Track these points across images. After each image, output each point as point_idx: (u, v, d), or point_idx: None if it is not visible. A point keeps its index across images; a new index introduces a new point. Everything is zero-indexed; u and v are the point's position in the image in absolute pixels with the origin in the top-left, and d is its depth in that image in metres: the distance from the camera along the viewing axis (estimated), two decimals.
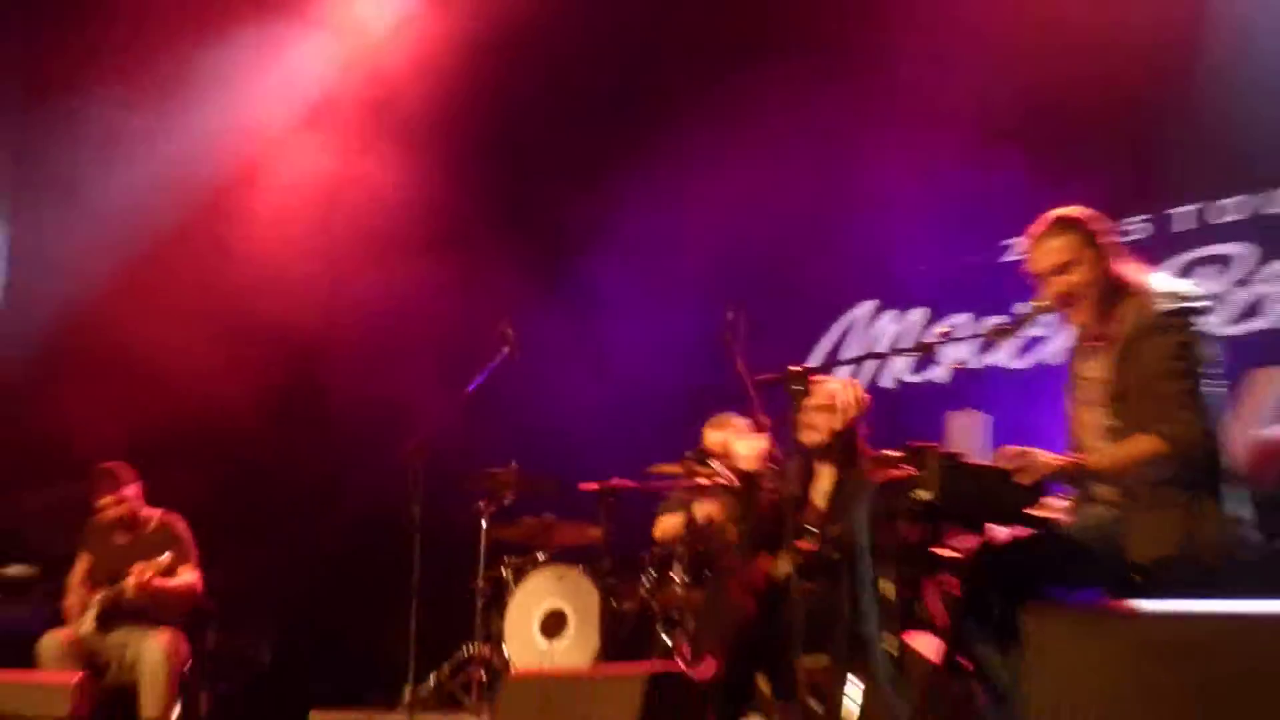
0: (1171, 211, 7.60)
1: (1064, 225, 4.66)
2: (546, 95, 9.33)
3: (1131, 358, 4.49)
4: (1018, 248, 7.65)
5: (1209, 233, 7.48)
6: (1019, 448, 4.53)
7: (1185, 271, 7.08)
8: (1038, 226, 4.69)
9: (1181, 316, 4.50)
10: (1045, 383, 7.67)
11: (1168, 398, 4.41)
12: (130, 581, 7.09)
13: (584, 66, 9.24)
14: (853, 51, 8.44)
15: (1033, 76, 7.75)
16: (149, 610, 7.17)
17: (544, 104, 9.36)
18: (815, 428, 5.90)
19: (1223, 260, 7.39)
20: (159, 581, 7.13)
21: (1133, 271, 4.65)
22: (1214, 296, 6.44)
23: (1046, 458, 4.52)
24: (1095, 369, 4.65)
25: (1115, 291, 4.61)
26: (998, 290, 7.56)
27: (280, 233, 9.12)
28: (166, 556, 7.16)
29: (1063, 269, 4.62)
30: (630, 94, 9.22)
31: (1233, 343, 5.11)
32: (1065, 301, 4.65)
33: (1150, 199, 7.52)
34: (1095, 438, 4.59)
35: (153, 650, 6.97)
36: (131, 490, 7.46)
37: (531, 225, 9.31)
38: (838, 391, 5.93)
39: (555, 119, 9.34)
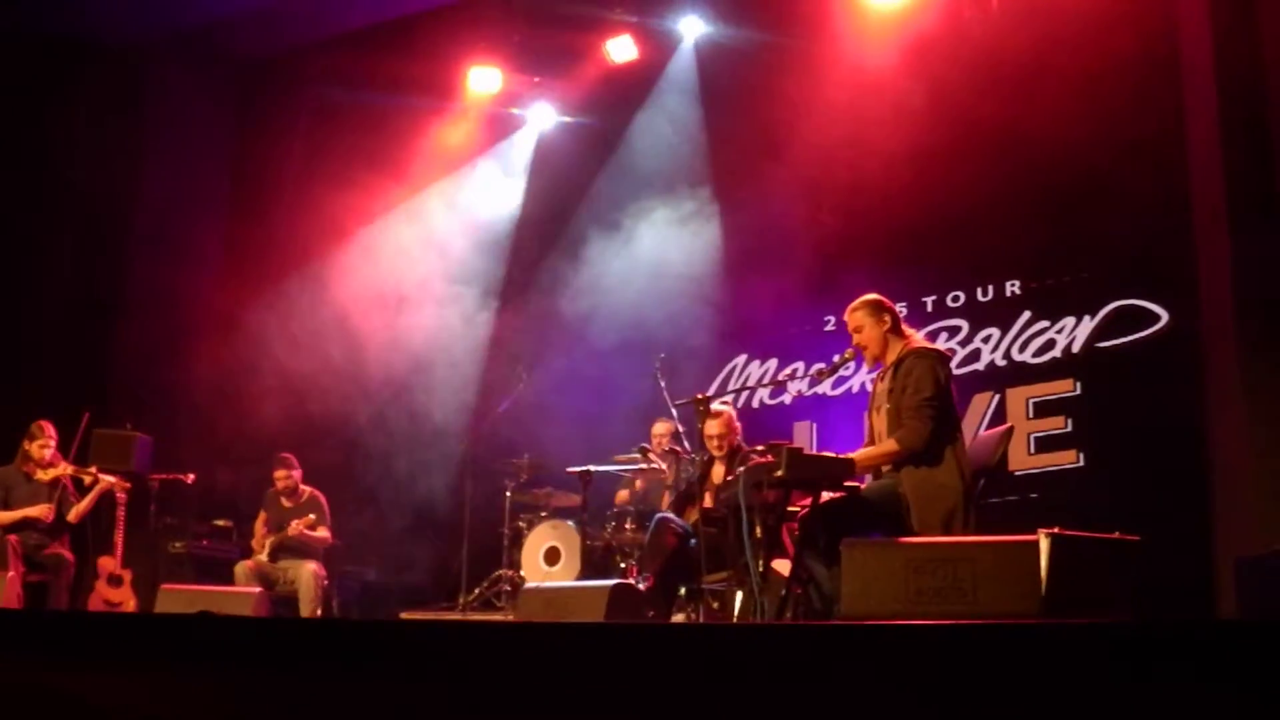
0: (925, 299, 7.78)
1: (861, 304, 4.96)
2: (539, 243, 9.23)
3: (898, 378, 4.72)
4: (835, 321, 7.91)
5: (944, 312, 7.70)
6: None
7: (933, 336, 7.22)
8: (851, 306, 5.00)
9: (926, 355, 4.76)
10: (848, 403, 7.95)
11: (908, 409, 4.63)
12: (290, 530, 7.14)
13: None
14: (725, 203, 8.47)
15: (843, 227, 7.90)
16: (301, 548, 7.20)
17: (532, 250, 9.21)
18: (715, 439, 6.06)
19: (952, 329, 7.63)
20: (306, 532, 7.17)
21: (903, 330, 4.94)
22: (948, 349, 6.63)
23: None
24: (881, 386, 4.88)
25: (889, 341, 4.88)
26: (820, 348, 7.69)
27: (380, 318, 8.88)
28: (311, 517, 7.21)
29: (858, 329, 4.93)
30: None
31: (959, 379, 5.24)
32: (860, 346, 4.95)
33: (911, 291, 7.68)
34: (881, 425, 4.79)
35: (305, 573, 7.01)
36: (296, 472, 7.42)
37: (533, 309, 9.03)
38: (729, 418, 6.11)
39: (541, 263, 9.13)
